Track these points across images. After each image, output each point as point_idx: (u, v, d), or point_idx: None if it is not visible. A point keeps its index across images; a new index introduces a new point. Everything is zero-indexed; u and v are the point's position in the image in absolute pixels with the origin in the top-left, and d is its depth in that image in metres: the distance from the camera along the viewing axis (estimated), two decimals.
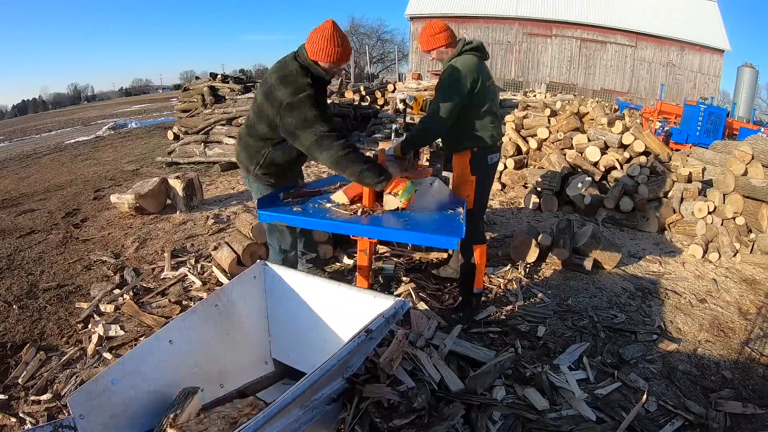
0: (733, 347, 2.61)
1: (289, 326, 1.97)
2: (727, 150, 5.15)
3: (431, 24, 2.43)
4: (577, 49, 25.02)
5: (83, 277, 3.36)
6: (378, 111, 11.07)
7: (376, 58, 38.31)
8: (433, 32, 2.40)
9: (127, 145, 9.64)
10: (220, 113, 7.92)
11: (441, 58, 2.45)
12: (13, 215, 4.89)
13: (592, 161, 5.03)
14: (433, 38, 2.40)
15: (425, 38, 2.43)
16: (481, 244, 2.62)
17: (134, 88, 56.82)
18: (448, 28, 2.43)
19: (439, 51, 2.42)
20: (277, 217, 2.08)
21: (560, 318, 2.78)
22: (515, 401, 2.03)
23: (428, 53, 2.47)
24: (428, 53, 2.47)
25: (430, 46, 2.43)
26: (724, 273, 3.60)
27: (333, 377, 1.51)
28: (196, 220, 4.40)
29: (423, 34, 2.45)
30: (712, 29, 24.75)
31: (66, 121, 18.77)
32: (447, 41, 2.40)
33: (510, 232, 4.10)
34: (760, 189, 3.73)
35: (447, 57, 2.41)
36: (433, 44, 2.41)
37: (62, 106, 43.38)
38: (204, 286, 3.07)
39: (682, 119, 10.61)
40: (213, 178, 6.17)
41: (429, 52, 2.46)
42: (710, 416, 2.01)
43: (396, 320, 1.62)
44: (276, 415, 1.19)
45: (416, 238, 2.00)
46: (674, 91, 23.46)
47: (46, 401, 2.11)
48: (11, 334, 2.65)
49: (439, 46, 2.41)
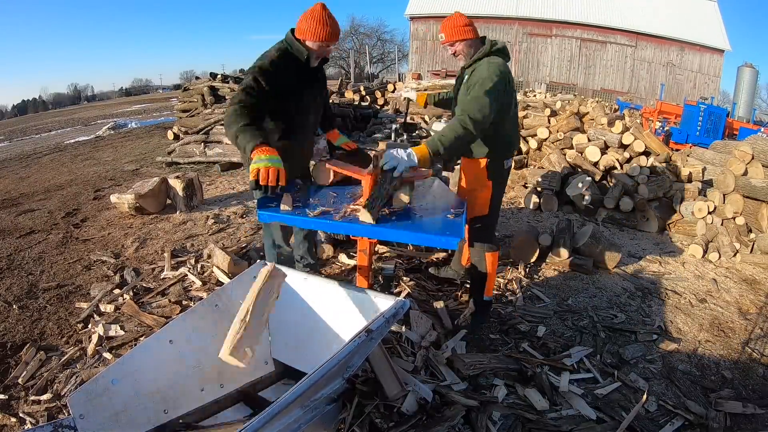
0: (733, 347, 2.61)
1: (289, 326, 1.97)
2: (727, 150, 5.15)
3: (457, 16, 2.31)
4: (577, 49, 25.02)
5: (83, 277, 3.36)
6: (378, 111, 11.07)
7: (376, 58, 38.32)
8: (461, 23, 2.28)
9: (127, 145, 9.63)
10: (220, 113, 7.92)
11: (463, 53, 2.33)
12: (13, 215, 4.89)
13: (592, 161, 5.02)
14: (462, 29, 2.28)
15: (453, 28, 2.29)
16: (494, 251, 2.53)
17: (134, 88, 56.76)
18: (473, 23, 2.32)
19: (466, 44, 2.30)
20: (277, 217, 2.08)
21: (560, 318, 2.78)
22: (515, 401, 2.03)
23: (451, 45, 2.33)
24: (451, 45, 2.33)
25: (456, 36, 2.29)
26: (724, 273, 3.60)
27: (333, 377, 1.51)
28: (196, 220, 4.40)
29: (449, 25, 2.30)
30: (712, 29, 24.76)
31: (66, 121, 18.77)
32: (475, 35, 2.30)
33: (510, 232, 4.10)
34: (760, 189, 3.73)
35: (469, 52, 2.31)
36: (462, 35, 2.28)
37: (62, 106, 43.35)
38: (204, 286, 3.07)
39: (682, 119, 10.61)
40: (213, 178, 6.17)
41: (453, 44, 2.32)
42: (710, 416, 2.01)
43: (396, 320, 1.62)
44: (276, 415, 1.19)
45: (416, 238, 2.00)
46: (674, 91, 23.46)
47: (46, 401, 2.11)
48: (11, 334, 2.65)
49: (466, 39, 2.29)
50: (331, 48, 2.30)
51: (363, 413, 1.69)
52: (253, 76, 2.09)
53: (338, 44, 10.58)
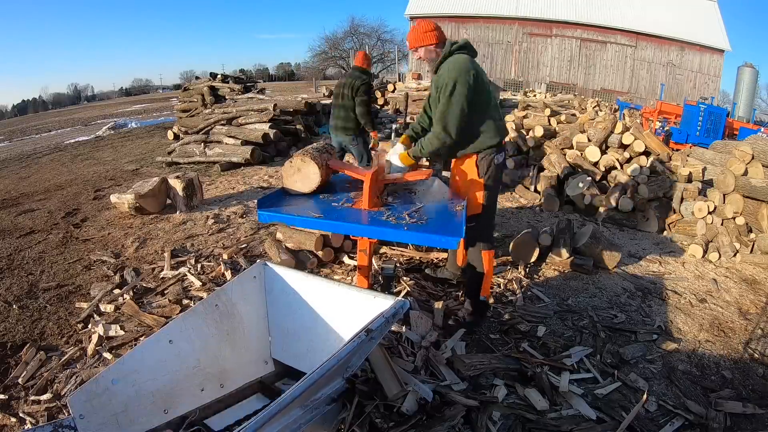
0: (733, 347, 2.60)
1: (289, 326, 1.97)
2: (727, 150, 5.14)
3: (421, 22, 2.39)
4: (577, 49, 25.00)
5: (83, 277, 3.36)
6: (378, 110, 11.07)
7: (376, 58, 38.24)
8: (423, 30, 2.35)
9: (127, 145, 9.63)
10: (220, 113, 7.93)
11: (428, 58, 2.40)
12: (13, 215, 4.90)
13: (592, 161, 5.02)
14: (423, 35, 2.35)
15: (414, 35, 2.37)
16: (489, 250, 2.53)
17: (134, 88, 56.77)
18: (438, 27, 2.39)
19: (428, 50, 2.37)
20: (277, 217, 2.08)
21: (560, 318, 2.78)
22: (515, 401, 2.03)
23: (415, 51, 2.41)
24: (415, 51, 2.41)
25: (418, 43, 2.37)
26: (724, 273, 3.60)
27: (333, 377, 1.51)
28: (196, 220, 4.40)
29: (412, 32, 2.39)
30: (712, 29, 24.74)
31: (66, 121, 18.77)
32: (436, 40, 2.35)
33: (510, 232, 4.10)
34: (760, 189, 3.73)
35: (434, 57, 2.38)
36: (423, 41, 2.35)
37: (62, 106, 43.33)
38: (204, 286, 3.07)
39: (682, 119, 10.60)
40: (213, 178, 6.17)
41: (416, 50, 2.40)
42: (710, 416, 2.01)
43: (396, 320, 1.62)
44: (276, 415, 1.19)
45: (416, 238, 2.00)
46: (674, 91, 23.45)
47: (46, 401, 2.11)
48: (11, 334, 2.65)
49: (428, 44, 2.35)
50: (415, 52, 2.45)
51: (363, 413, 1.68)
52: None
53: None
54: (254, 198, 5.01)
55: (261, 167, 6.69)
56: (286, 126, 7.78)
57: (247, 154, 6.68)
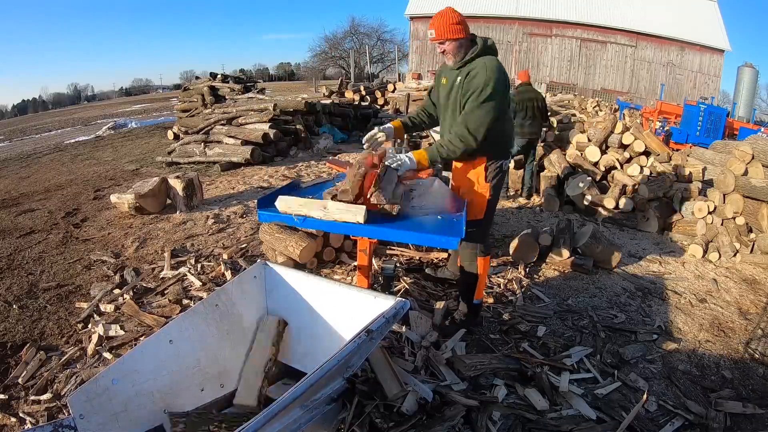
0: (733, 347, 2.60)
1: (289, 326, 1.97)
2: (727, 150, 5.15)
3: (449, 12, 2.16)
4: (577, 49, 25.03)
5: (83, 276, 3.36)
6: (378, 110, 11.09)
7: (376, 58, 38.30)
8: (453, 21, 2.13)
9: (127, 145, 9.63)
10: (220, 113, 7.92)
11: (452, 52, 2.19)
12: (13, 215, 4.89)
13: (592, 161, 5.03)
14: (453, 27, 2.13)
15: (444, 26, 2.13)
16: (486, 256, 2.47)
17: (134, 88, 56.75)
18: (464, 20, 2.18)
19: (457, 43, 2.16)
20: (277, 217, 2.08)
21: (560, 318, 2.78)
22: (515, 401, 2.03)
23: (441, 43, 2.18)
24: (441, 43, 2.18)
25: (448, 35, 2.14)
26: (724, 273, 3.60)
27: (333, 377, 1.51)
28: (196, 220, 4.40)
29: (440, 21, 2.14)
30: (712, 29, 24.77)
31: (66, 121, 18.77)
32: (465, 35, 2.16)
33: (510, 232, 4.10)
34: (760, 189, 3.73)
35: (459, 53, 2.19)
36: (452, 34, 2.14)
37: (62, 105, 43.35)
38: (204, 286, 3.07)
39: (682, 119, 10.62)
40: (213, 178, 6.17)
41: (443, 42, 2.17)
42: (710, 416, 2.01)
43: (396, 320, 1.62)
44: (276, 415, 1.19)
45: (416, 238, 2.00)
46: (674, 91, 23.47)
47: (46, 401, 2.11)
48: (11, 334, 2.65)
49: (458, 37, 2.15)
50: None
51: (363, 413, 1.68)
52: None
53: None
54: (254, 198, 5.01)
55: (261, 167, 6.69)
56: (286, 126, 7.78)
57: (247, 154, 6.68)
